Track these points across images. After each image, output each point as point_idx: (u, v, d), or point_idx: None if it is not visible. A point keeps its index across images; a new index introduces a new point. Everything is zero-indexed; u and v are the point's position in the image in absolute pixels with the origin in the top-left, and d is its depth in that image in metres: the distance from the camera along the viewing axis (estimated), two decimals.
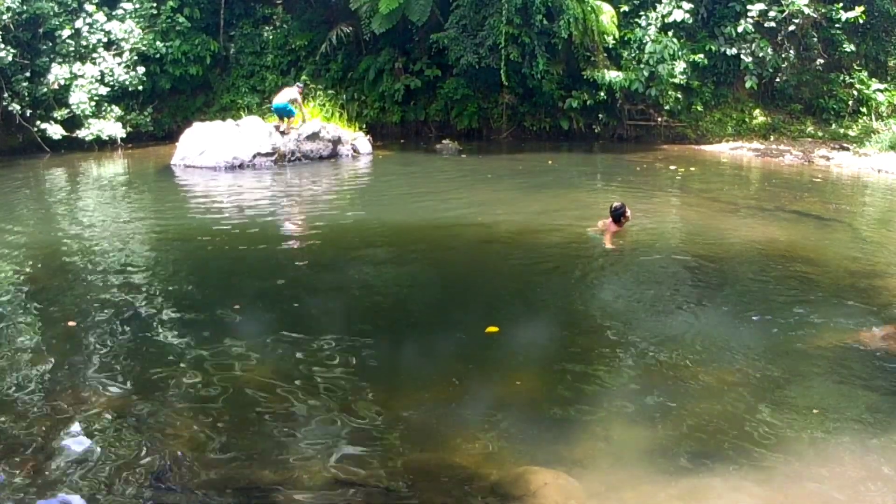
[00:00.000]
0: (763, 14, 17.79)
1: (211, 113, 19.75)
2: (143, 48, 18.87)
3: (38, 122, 17.66)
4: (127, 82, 18.64)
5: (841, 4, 17.87)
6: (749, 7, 17.90)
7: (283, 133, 16.25)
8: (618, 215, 8.86)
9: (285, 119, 16.44)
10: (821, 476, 4.14)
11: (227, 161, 15.31)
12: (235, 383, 5.21)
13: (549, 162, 16.18)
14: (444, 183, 13.96)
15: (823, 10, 17.78)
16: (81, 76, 18.08)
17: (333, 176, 15.24)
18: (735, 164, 16.42)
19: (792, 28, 17.91)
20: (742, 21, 17.95)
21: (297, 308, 6.85)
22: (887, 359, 5.58)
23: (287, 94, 16.48)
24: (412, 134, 20.44)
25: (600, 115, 19.10)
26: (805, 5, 17.36)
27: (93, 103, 18.08)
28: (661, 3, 18.42)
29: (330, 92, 20.10)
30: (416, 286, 7.72)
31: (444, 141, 18.45)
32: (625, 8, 18.73)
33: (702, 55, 18.05)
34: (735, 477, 4.11)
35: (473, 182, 13.85)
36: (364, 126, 19.14)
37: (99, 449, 4.41)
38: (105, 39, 18.63)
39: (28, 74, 17.71)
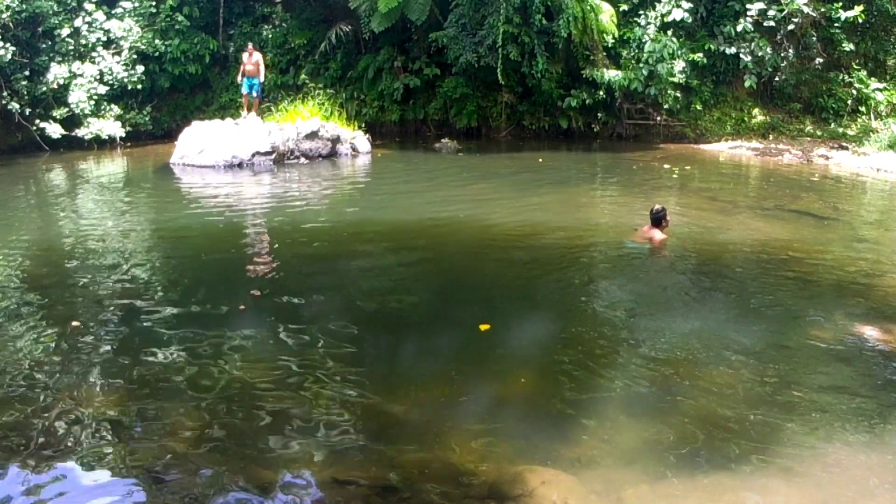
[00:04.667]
0: (762, 13, 17.80)
1: (210, 112, 19.77)
2: (143, 47, 18.89)
3: (37, 121, 17.68)
4: (126, 81, 18.65)
5: (840, 4, 17.86)
6: (748, 6, 17.90)
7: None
8: (658, 218, 8.57)
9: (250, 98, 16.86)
10: (821, 476, 4.15)
11: (226, 160, 15.31)
12: (235, 383, 5.22)
13: (540, 160, 16.19)
14: (442, 181, 13.97)
15: (823, 10, 17.78)
16: (80, 75, 18.09)
17: (332, 175, 15.24)
18: (734, 163, 16.43)
19: (791, 27, 17.91)
20: (741, 20, 17.96)
21: (296, 307, 6.85)
22: (887, 357, 5.59)
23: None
24: (411, 133, 20.46)
25: (599, 114, 19.13)
26: (804, 4, 17.36)
27: (92, 102, 18.10)
28: (660, 2, 18.42)
29: (329, 91, 20.12)
30: (414, 285, 7.73)
31: (442, 140, 18.47)
32: (624, 7, 18.73)
33: (701, 54, 18.06)
34: (734, 476, 4.11)
35: (471, 181, 13.85)
36: (363, 125, 19.16)
37: (99, 448, 4.42)
38: (104, 38, 18.66)
39: (27, 73, 17.73)
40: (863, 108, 18.27)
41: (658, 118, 18.94)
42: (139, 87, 18.99)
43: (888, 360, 5.55)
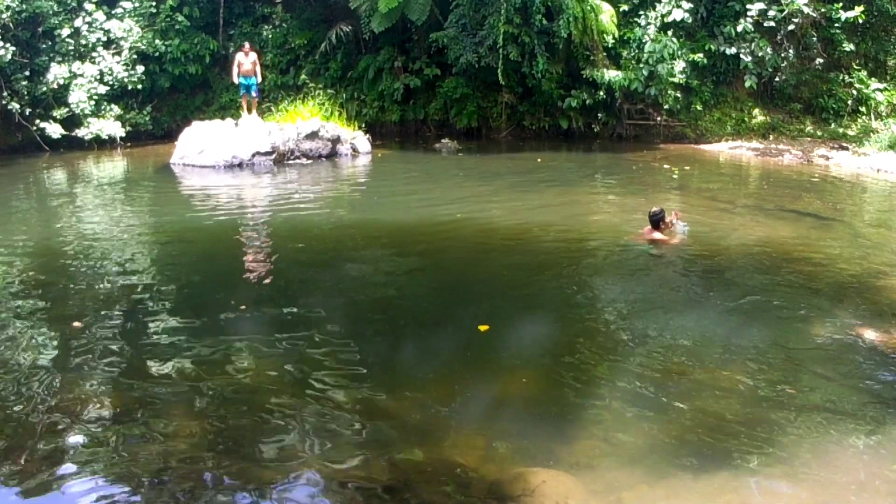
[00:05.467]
0: (762, 13, 17.79)
1: (210, 112, 19.77)
2: (143, 47, 18.88)
3: (37, 121, 17.67)
4: (126, 81, 18.65)
5: (840, 4, 17.86)
6: (748, 6, 17.90)
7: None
8: (656, 220, 8.61)
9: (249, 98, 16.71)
10: (821, 476, 4.14)
11: (227, 160, 15.31)
12: (236, 383, 5.22)
13: (539, 160, 16.20)
14: (442, 182, 13.97)
15: (823, 10, 17.77)
16: (81, 75, 18.09)
17: (332, 175, 15.25)
18: (734, 163, 16.43)
19: (791, 27, 17.91)
20: (741, 20, 17.95)
21: (296, 307, 6.85)
22: (887, 357, 5.59)
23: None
24: (411, 133, 20.46)
25: (599, 115, 19.12)
26: (804, 5, 17.35)
27: (92, 102, 18.09)
28: (660, 2, 18.42)
29: (329, 91, 20.12)
30: (414, 285, 7.73)
31: (443, 140, 18.48)
32: (624, 7, 18.73)
33: (701, 54, 18.05)
34: (735, 476, 4.11)
35: (471, 181, 13.85)
36: (363, 125, 19.16)
37: (101, 448, 4.42)
38: (104, 38, 18.65)
39: (27, 73, 17.73)
40: (863, 109, 18.26)
41: (658, 118, 18.94)
42: (139, 87, 18.99)
43: (888, 361, 5.55)
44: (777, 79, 18.62)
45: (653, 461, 4.25)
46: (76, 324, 6.28)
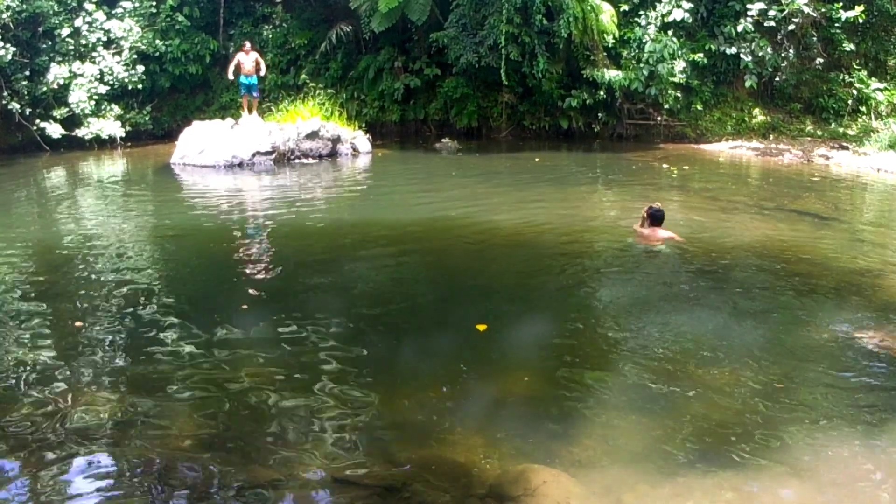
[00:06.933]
0: (763, 13, 17.80)
1: (210, 112, 19.77)
2: (143, 47, 18.90)
3: (37, 121, 17.69)
4: (126, 81, 18.66)
5: (840, 4, 17.87)
6: (749, 6, 17.90)
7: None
8: (660, 217, 8.71)
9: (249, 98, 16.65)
10: (820, 476, 4.14)
11: (227, 160, 15.32)
12: (236, 382, 5.22)
13: (537, 160, 16.20)
14: (442, 182, 13.97)
15: (823, 10, 17.78)
16: (81, 75, 18.10)
17: (333, 175, 15.25)
18: (734, 163, 16.43)
19: (791, 27, 17.91)
20: (742, 20, 17.96)
21: (296, 306, 6.85)
22: (886, 358, 5.59)
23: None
24: (412, 133, 20.47)
25: (600, 115, 19.13)
26: (805, 4, 17.36)
27: (92, 102, 18.11)
28: (660, 2, 18.42)
29: (329, 91, 20.13)
30: (414, 285, 7.73)
31: (443, 140, 18.49)
32: (624, 7, 18.73)
33: (701, 54, 18.06)
34: (735, 476, 4.11)
35: (472, 181, 13.85)
36: (363, 125, 19.17)
37: (101, 448, 4.41)
38: (104, 38, 18.68)
39: (28, 73, 17.75)
40: (863, 108, 18.26)
41: (658, 118, 18.94)
42: (139, 87, 19.00)
43: (888, 361, 5.55)
44: (777, 79, 18.63)
45: (654, 461, 4.25)
46: (76, 324, 6.28)
